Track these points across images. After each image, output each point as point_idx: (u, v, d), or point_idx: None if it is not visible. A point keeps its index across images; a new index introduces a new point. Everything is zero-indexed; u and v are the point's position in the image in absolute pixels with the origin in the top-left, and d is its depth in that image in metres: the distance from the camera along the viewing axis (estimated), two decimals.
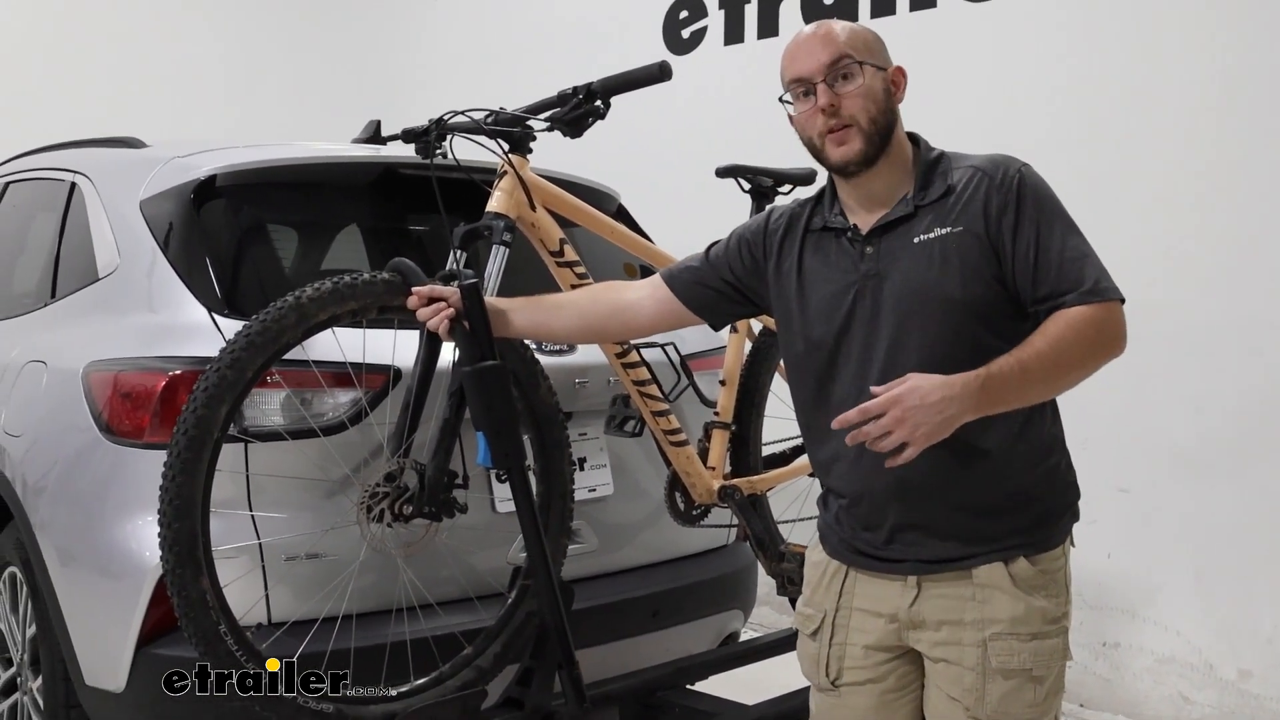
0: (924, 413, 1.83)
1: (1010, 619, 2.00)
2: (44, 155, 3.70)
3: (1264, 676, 3.91)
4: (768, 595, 3.67)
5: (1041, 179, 2.04)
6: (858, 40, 2.08)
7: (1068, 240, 1.98)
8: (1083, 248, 1.99)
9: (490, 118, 2.63)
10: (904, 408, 1.82)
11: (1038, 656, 2.00)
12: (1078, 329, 1.92)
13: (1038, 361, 1.89)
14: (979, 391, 1.86)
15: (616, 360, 2.80)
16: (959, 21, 4.67)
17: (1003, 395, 1.89)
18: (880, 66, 2.07)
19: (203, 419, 2.17)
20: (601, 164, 3.77)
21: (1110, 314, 1.95)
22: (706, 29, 5.69)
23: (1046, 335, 1.92)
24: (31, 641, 2.87)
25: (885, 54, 2.11)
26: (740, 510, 3.01)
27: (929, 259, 2.00)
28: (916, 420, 1.83)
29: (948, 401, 1.84)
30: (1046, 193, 2.02)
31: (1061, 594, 2.05)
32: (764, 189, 3.25)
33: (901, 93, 2.11)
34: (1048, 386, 1.94)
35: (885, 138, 2.06)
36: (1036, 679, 2.00)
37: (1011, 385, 1.88)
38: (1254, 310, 3.88)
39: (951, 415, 1.84)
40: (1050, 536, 2.06)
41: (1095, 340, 1.93)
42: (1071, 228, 2.01)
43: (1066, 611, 2.06)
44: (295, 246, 3.28)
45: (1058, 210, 2.02)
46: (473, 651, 2.57)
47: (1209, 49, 3.99)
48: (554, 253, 2.68)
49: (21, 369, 2.99)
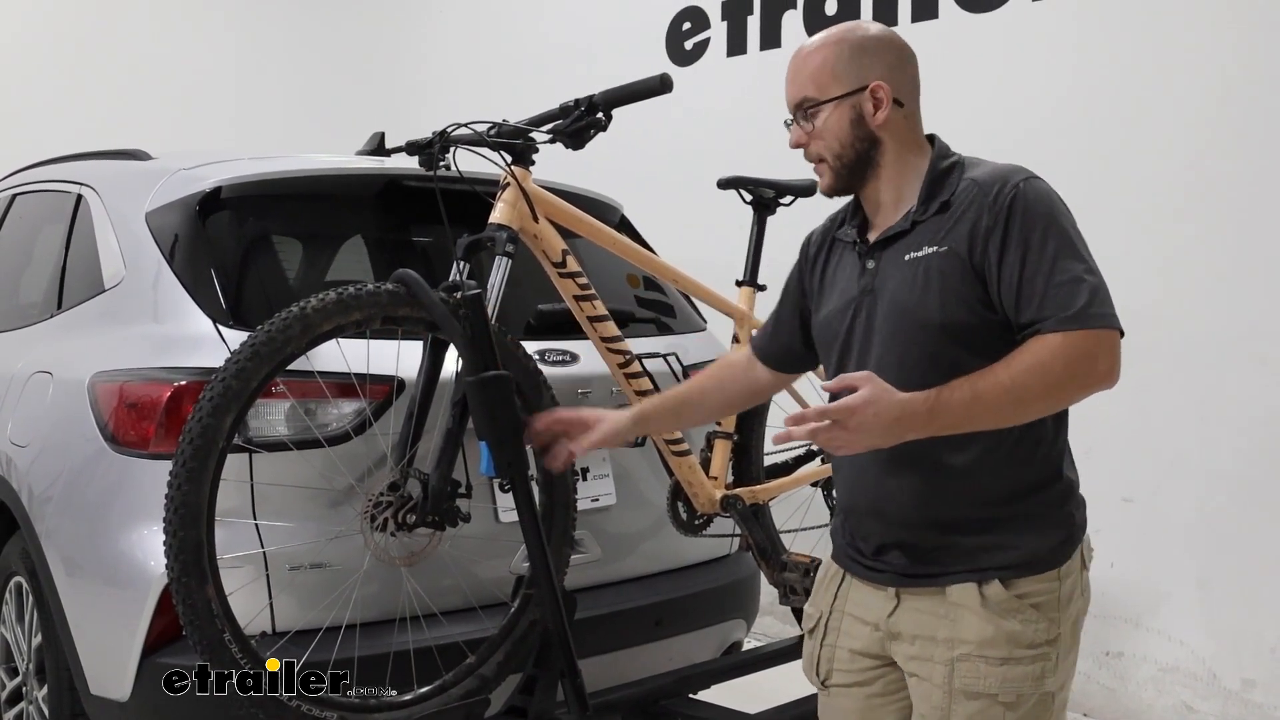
0: (874, 427, 1.82)
1: (978, 641, 1.93)
2: (50, 167, 3.72)
3: (1268, 686, 3.90)
4: (770, 605, 3.68)
5: (1045, 193, 1.94)
6: (823, 74, 2.05)
7: (1059, 262, 1.88)
8: (1075, 270, 1.87)
9: (493, 130, 2.64)
10: (857, 419, 1.81)
11: (1006, 682, 1.93)
12: (1043, 360, 1.85)
13: (994, 391, 1.84)
14: (926, 415, 1.84)
15: (619, 370, 2.81)
16: (961, 32, 4.69)
17: (953, 421, 1.86)
18: (849, 92, 2.03)
19: (208, 429, 2.18)
20: (604, 176, 3.79)
21: (1089, 343, 1.84)
22: (709, 40, 5.70)
23: (1010, 364, 1.86)
24: (37, 650, 2.88)
25: (861, 70, 2.04)
26: (742, 520, 3.02)
27: (913, 279, 1.97)
28: (865, 432, 1.82)
29: (896, 423, 1.83)
30: (1043, 210, 1.91)
31: (1043, 621, 1.94)
32: (765, 200, 3.26)
33: (884, 109, 2.03)
34: (1005, 416, 1.88)
35: (860, 165, 2.05)
36: (1005, 704, 1.93)
37: (962, 412, 1.85)
38: (1259, 319, 3.88)
39: (898, 434, 1.85)
40: (1034, 561, 1.95)
41: (1063, 372, 1.84)
42: (1067, 248, 1.89)
43: (1053, 638, 1.95)
44: (300, 258, 3.29)
45: (1053, 229, 1.90)
46: (476, 660, 2.58)
47: (1211, 59, 4.00)
48: (556, 264, 2.69)
49: (28, 379, 3.01)
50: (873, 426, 1.82)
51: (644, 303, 3.50)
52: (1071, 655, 1.99)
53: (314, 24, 7.77)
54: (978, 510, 1.97)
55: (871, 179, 2.06)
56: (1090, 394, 1.87)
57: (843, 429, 1.81)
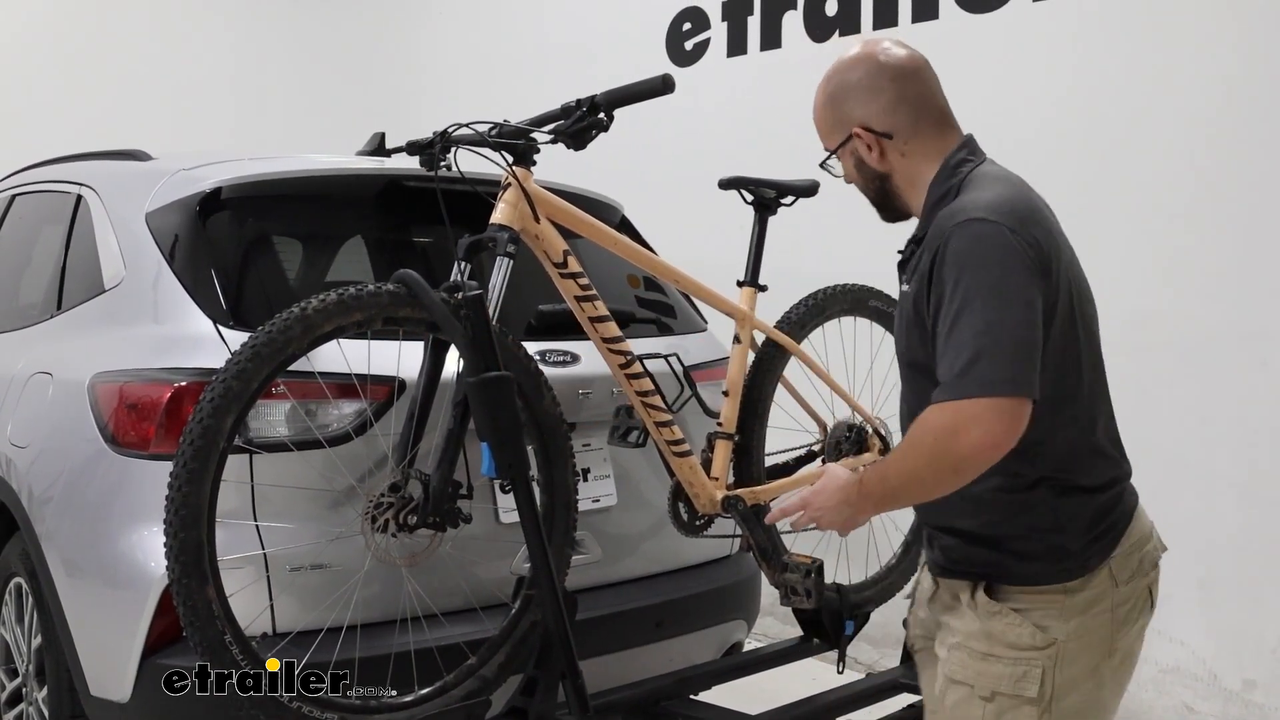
0: (828, 512, 2.04)
1: (965, 633, 2.03)
2: (50, 168, 3.72)
3: (1268, 687, 3.90)
4: (771, 606, 3.67)
5: (974, 238, 1.86)
6: (822, 130, 2.15)
7: (961, 318, 1.84)
8: (967, 329, 1.83)
9: (494, 130, 2.64)
10: (813, 508, 2.05)
11: (982, 676, 1.99)
12: (914, 436, 1.91)
13: (894, 472, 1.96)
14: (859, 499, 2.00)
15: (620, 371, 2.80)
16: (961, 33, 4.69)
17: (880, 501, 1.99)
18: (842, 143, 2.10)
19: (209, 429, 2.18)
20: (605, 176, 3.78)
21: (951, 415, 1.83)
22: (709, 41, 5.70)
23: (901, 444, 1.96)
24: (37, 652, 2.88)
25: (842, 119, 2.09)
26: (743, 521, 3.01)
27: (901, 313, 2.08)
28: (824, 516, 2.04)
29: (842, 505, 2.02)
30: (962, 260, 1.86)
31: (1028, 626, 1.97)
32: (767, 201, 3.25)
33: (874, 149, 2.06)
34: (916, 493, 1.97)
35: (885, 197, 2.12)
36: (982, 698, 1.99)
37: (881, 493, 1.98)
38: (1259, 321, 3.88)
39: (849, 515, 2.03)
40: (1025, 576, 2.00)
41: (932, 447, 1.86)
42: (970, 303, 1.84)
43: (1043, 645, 1.97)
44: (300, 258, 3.29)
45: (964, 280, 1.85)
46: (477, 661, 2.57)
47: (1212, 59, 4.00)
48: (558, 264, 2.69)
49: (28, 380, 3.00)
50: (829, 506, 2.03)
51: (645, 303, 3.50)
52: (1080, 664, 1.99)
53: (314, 24, 7.77)
54: (974, 525, 2.04)
55: (905, 204, 2.12)
56: (974, 464, 1.86)
57: (811, 511, 2.06)
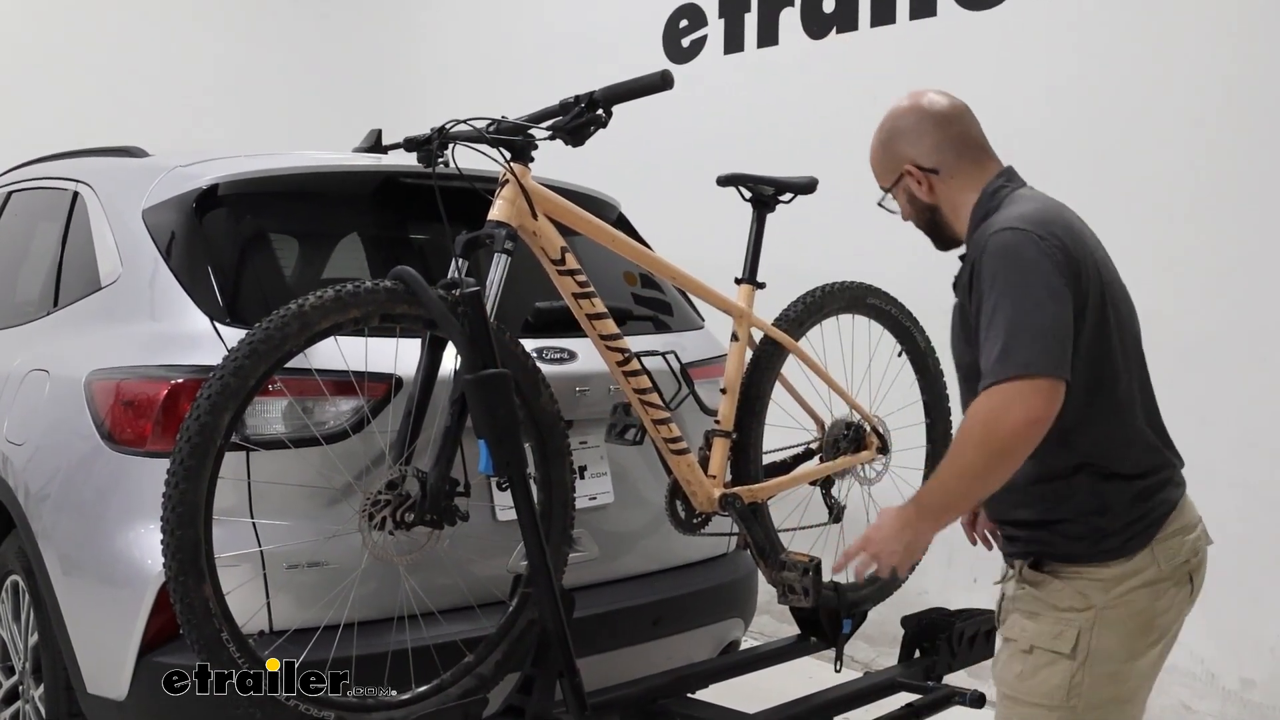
0: (889, 541, 2.17)
1: (1014, 597, 2.28)
2: (46, 164, 3.71)
3: (1266, 686, 3.90)
4: (768, 604, 3.67)
5: (1004, 244, 2.11)
6: (876, 171, 2.42)
7: (996, 314, 2.07)
8: (1001, 320, 2.06)
9: (492, 126, 2.63)
10: (873, 543, 2.19)
11: (1025, 632, 2.23)
12: (965, 427, 2.11)
13: (948, 472, 2.13)
14: (918, 520, 2.17)
15: (618, 369, 2.80)
16: (959, 30, 4.68)
17: (938, 512, 2.18)
18: (894, 182, 2.38)
19: (206, 427, 2.17)
20: (600, 173, 3.78)
21: (996, 397, 2.04)
22: (706, 38, 5.69)
23: (951, 446, 2.15)
24: (34, 649, 2.87)
25: (893, 160, 2.37)
26: (741, 518, 3.01)
27: (952, 322, 2.34)
28: (886, 547, 2.18)
29: (902, 530, 2.17)
30: (1001, 264, 2.10)
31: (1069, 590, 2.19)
32: (764, 197, 3.25)
33: (923, 184, 2.34)
34: (975, 489, 2.15)
35: (936, 227, 2.40)
36: (1023, 651, 2.22)
37: (938, 503, 2.17)
38: (1259, 320, 3.88)
39: (910, 539, 2.17)
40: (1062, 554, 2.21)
41: (981, 435, 2.07)
42: (1004, 300, 2.07)
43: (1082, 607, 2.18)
44: (297, 255, 3.29)
45: (998, 282, 2.09)
46: (474, 659, 2.57)
47: (1212, 56, 4.00)
48: (555, 261, 2.68)
49: (24, 377, 3.00)
50: (889, 536, 2.17)
51: (642, 301, 3.50)
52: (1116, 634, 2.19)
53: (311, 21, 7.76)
54: (1032, 515, 2.25)
55: (953, 232, 2.38)
56: (1020, 444, 2.05)
57: (873, 547, 2.19)
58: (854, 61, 5.05)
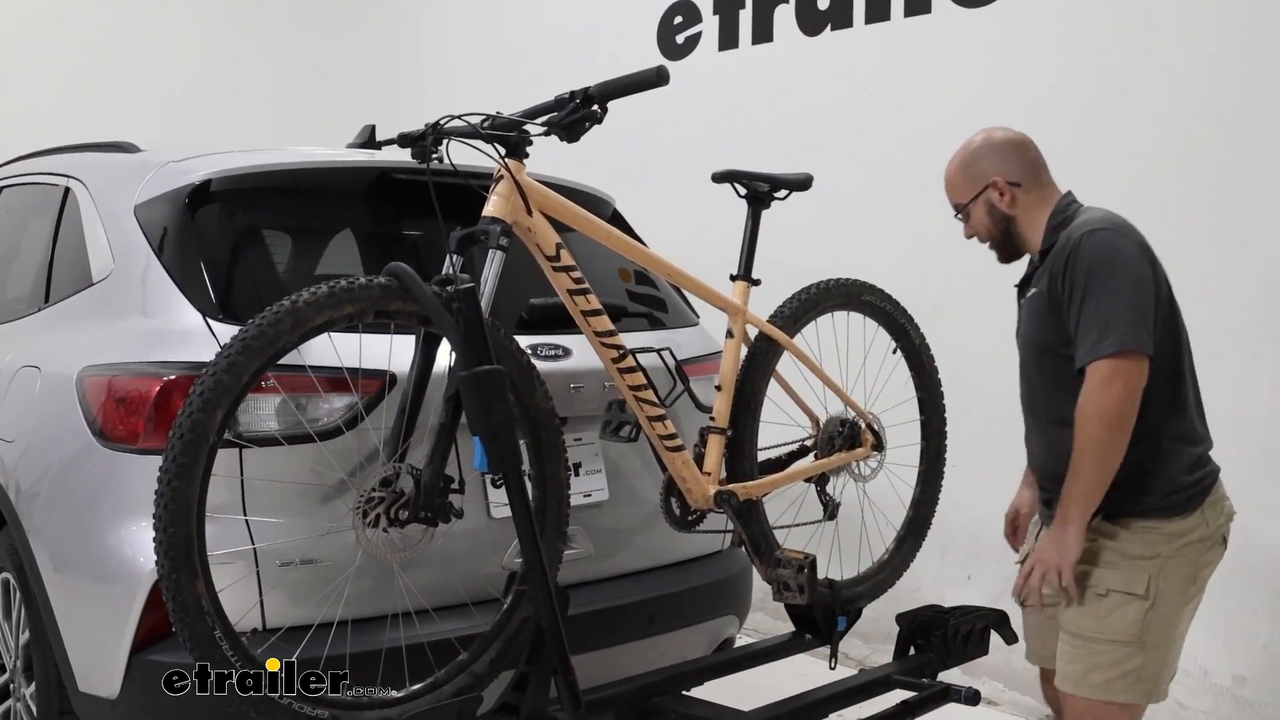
0: (1050, 552, 2.59)
1: (1089, 551, 2.63)
2: (38, 160, 3.70)
3: (1258, 682, 3.91)
4: (762, 601, 3.67)
5: (1097, 242, 2.54)
6: (961, 183, 2.81)
7: (1087, 299, 2.50)
8: (1099, 308, 2.48)
9: (487, 122, 2.62)
10: (1040, 561, 2.61)
11: (1102, 579, 2.63)
12: (1082, 415, 2.51)
13: (1079, 463, 2.53)
14: (1062, 515, 2.58)
15: (612, 365, 2.79)
16: (953, 27, 4.68)
17: (1081, 502, 2.55)
18: (981, 191, 2.76)
19: (198, 424, 2.16)
20: (595, 169, 3.77)
21: (1100, 375, 2.49)
22: (701, 34, 5.69)
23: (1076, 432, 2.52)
24: (25, 648, 2.86)
25: (983, 171, 2.76)
26: (736, 515, 3.00)
27: (1030, 313, 2.73)
28: (1049, 557, 2.59)
29: (1057, 533, 2.58)
30: (1092, 257, 2.52)
31: (1137, 540, 2.61)
32: (760, 194, 3.24)
33: (1006, 195, 2.74)
34: (1109, 463, 2.52)
35: (1008, 239, 2.80)
36: (1099, 595, 2.63)
37: (1078, 493, 2.55)
38: (1253, 318, 3.88)
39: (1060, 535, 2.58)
40: (1136, 509, 2.62)
41: (1096, 416, 2.49)
42: (1097, 289, 2.48)
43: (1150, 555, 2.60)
44: (290, 251, 3.27)
45: (1095, 276, 2.50)
46: (468, 657, 2.56)
47: (1202, 52, 4.00)
48: (550, 257, 2.67)
49: (15, 374, 2.98)
50: (1049, 547, 2.60)
51: (637, 297, 3.49)
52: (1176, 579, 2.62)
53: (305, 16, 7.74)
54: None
55: (1021, 245, 2.80)
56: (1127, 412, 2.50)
57: (1040, 565, 2.61)
58: (849, 58, 5.05)
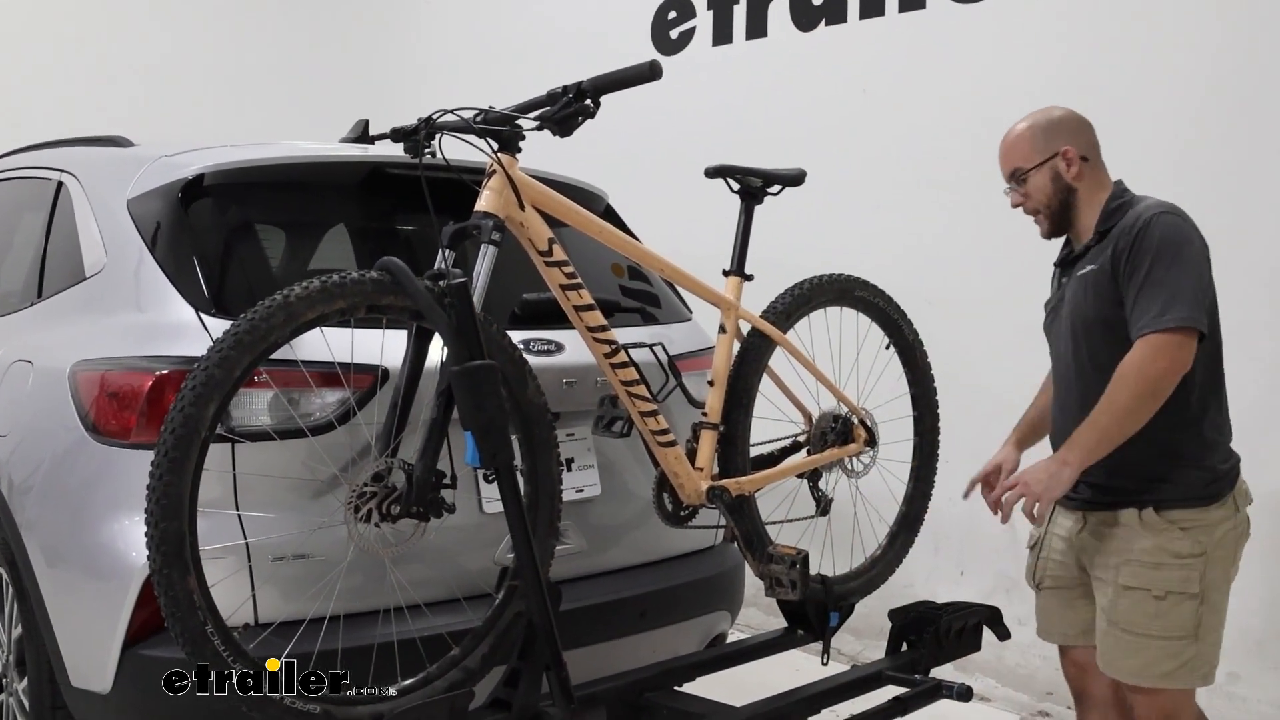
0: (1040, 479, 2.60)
1: (1139, 549, 2.69)
2: (30, 154, 3.69)
3: (1252, 679, 3.91)
4: (755, 596, 3.67)
5: (1165, 224, 2.62)
6: (1030, 148, 2.82)
7: (1152, 274, 2.57)
8: (1160, 285, 2.55)
9: (479, 117, 2.61)
10: (1023, 481, 2.63)
11: (1156, 582, 2.67)
12: (1121, 374, 2.56)
13: (1102, 411, 2.58)
14: (1066, 452, 2.61)
15: (605, 360, 2.79)
16: (948, 22, 4.68)
17: (1088, 447, 2.60)
18: (1050, 158, 2.79)
19: (190, 418, 2.15)
20: (587, 164, 3.76)
21: (1150, 346, 2.54)
22: (695, 29, 5.69)
23: (1106, 391, 2.57)
24: (17, 642, 2.86)
25: (1052, 141, 2.79)
26: (728, 511, 3.00)
27: (1083, 288, 2.75)
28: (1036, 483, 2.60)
29: (1056, 465, 2.60)
30: (1159, 236, 2.60)
31: (1189, 540, 2.66)
32: (753, 189, 3.24)
33: (1074, 165, 2.77)
34: (1126, 426, 2.57)
35: (1064, 210, 2.82)
36: (1156, 598, 2.66)
37: (1090, 440, 2.59)
38: (1248, 314, 3.88)
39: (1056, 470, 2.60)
40: (1182, 498, 2.68)
41: (1136, 379, 2.55)
42: (1161, 267, 2.56)
43: (1199, 552, 2.66)
44: (283, 246, 3.27)
45: (1161, 255, 2.57)
46: (460, 652, 2.56)
47: (1200, 49, 4.00)
48: (543, 252, 2.67)
49: (8, 368, 2.98)
50: (1037, 475, 2.61)
51: (630, 292, 3.49)
52: (1220, 568, 2.70)
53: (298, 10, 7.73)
54: (1137, 459, 2.66)
55: (1074, 219, 2.83)
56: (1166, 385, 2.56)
57: (1023, 487, 2.62)
58: (843, 54, 5.05)
